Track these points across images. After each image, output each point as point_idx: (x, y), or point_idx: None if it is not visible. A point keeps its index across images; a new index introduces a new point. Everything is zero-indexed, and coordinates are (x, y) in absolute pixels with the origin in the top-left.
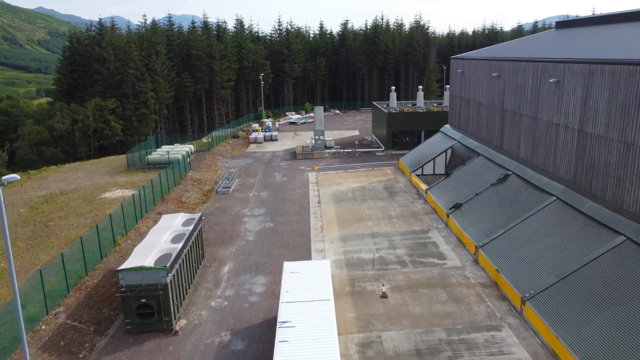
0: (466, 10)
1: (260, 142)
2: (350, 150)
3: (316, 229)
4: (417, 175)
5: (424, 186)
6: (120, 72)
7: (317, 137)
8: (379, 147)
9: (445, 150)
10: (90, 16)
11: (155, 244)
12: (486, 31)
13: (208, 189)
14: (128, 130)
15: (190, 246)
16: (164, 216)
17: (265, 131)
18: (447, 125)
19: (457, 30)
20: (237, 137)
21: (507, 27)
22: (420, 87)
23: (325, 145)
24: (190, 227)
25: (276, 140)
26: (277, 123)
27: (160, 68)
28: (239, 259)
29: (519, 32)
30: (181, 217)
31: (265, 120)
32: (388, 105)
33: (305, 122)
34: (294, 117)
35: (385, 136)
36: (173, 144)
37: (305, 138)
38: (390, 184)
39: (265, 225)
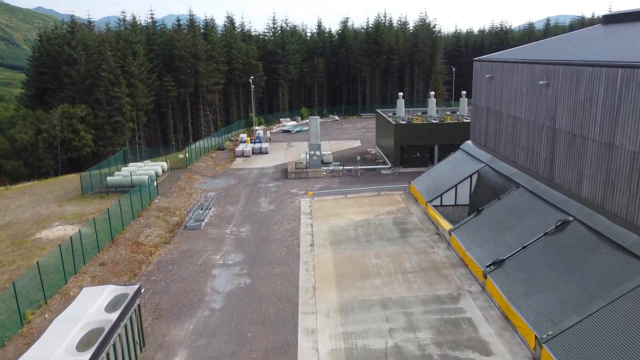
0: (468, 8)
1: (247, 156)
2: (351, 167)
3: (307, 290)
4: (435, 207)
5: (446, 224)
6: (93, 74)
7: (313, 152)
8: (385, 163)
9: (470, 176)
10: (90, 16)
11: (47, 355)
12: (494, 30)
13: (176, 221)
14: (101, 140)
15: (114, 345)
16: (84, 290)
17: (255, 142)
18: (469, 142)
19: (464, 29)
20: (223, 149)
21: (512, 26)
22: (432, 93)
23: (322, 161)
24: (117, 313)
25: (266, 153)
26: (268, 132)
27: (138, 70)
28: (195, 346)
29: (530, 31)
30: (108, 292)
31: (257, 128)
32: (394, 113)
33: (300, 131)
34: (288, 124)
35: (392, 151)
36: (143, 161)
37: (300, 151)
38: (402, 217)
39: (240, 283)
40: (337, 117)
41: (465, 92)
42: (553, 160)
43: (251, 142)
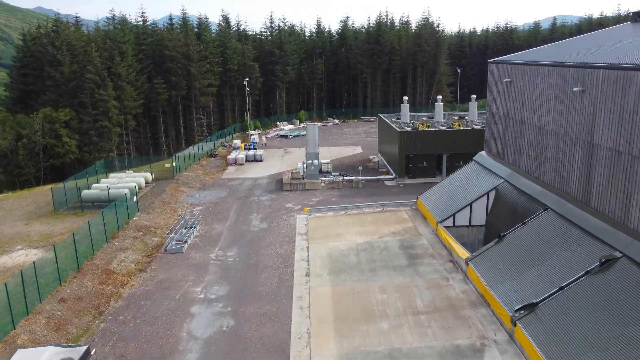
0: (470, 7)
1: (241, 164)
2: (352, 178)
3: (300, 336)
4: (447, 228)
5: (461, 251)
6: (77, 76)
7: (310, 161)
8: (388, 173)
9: (487, 193)
10: (89, 16)
11: None
12: (499, 30)
13: (156, 243)
14: (86, 146)
15: None
16: (17, 354)
17: (249, 148)
18: (484, 153)
19: (467, 29)
20: (215, 156)
21: (517, 25)
22: (440, 97)
23: (321, 170)
24: None
25: (261, 160)
26: (264, 137)
27: (125, 72)
28: None
29: (536, 31)
30: (47, 358)
31: (252, 132)
32: (398, 119)
33: (298, 135)
34: (286, 128)
35: (396, 160)
36: (126, 171)
37: (297, 158)
38: (410, 240)
39: (222, 325)
40: (336, 121)
41: (475, 95)
42: (590, 180)
43: (245, 149)
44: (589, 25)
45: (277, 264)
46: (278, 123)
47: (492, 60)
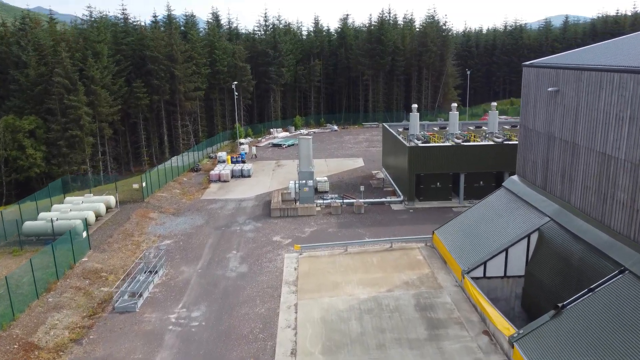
0: (476, 5)
1: (225, 181)
2: (352, 200)
3: None
4: (476, 280)
5: (500, 322)
6: (45, 80)
7: (304, 181)
8: (395, 194)
9: (528, 235)
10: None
11: None
12: (508, 28)
13: (105, 295)
14: (54, 158)
15: None
16: None
17: (237, 161)
18: (516, 179)
19: (474, 27)
20: (198, 170)
21: (525, 23)
22: (455, 105)
23: (316, 189)
24: None
25: (249, 176)
26: (254, 147)
27: (100, 74)
28: None
29: (547, 30)
30: None
31: (242, 141)
32: (406, 129)
33: (292, 145)
34: (280, 135)
35: (405, 179)
36: (87, 192)
37: (290, 173)
38: (428, 296)
39: None
40: (335, 127)
41: (495, 103)
42: None
43: (232, 162)
44: (604, 24)
45: (254, 333)
46: (271, 130)
47: (528, 63)
